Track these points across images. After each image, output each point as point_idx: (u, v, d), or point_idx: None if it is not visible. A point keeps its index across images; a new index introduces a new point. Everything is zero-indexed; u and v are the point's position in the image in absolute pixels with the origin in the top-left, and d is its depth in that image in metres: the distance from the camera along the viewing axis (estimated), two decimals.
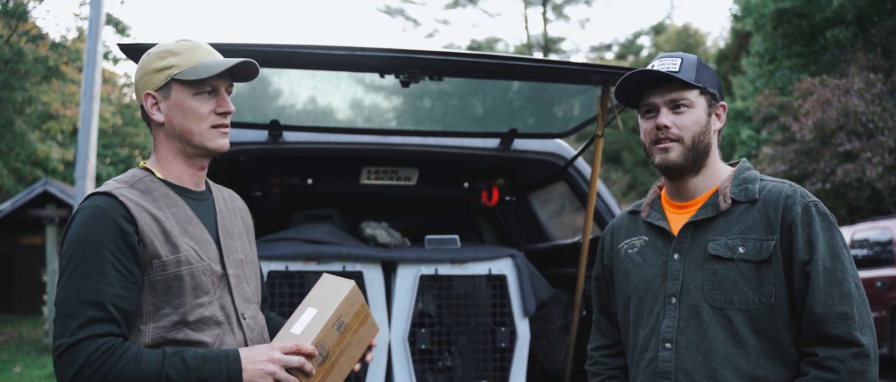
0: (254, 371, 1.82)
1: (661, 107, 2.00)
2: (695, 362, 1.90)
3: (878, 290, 9.52)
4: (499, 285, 3.85)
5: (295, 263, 3.63)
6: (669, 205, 2.11)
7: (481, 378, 3.86)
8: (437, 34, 38.82)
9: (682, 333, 1.93)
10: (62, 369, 1.73)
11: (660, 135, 1.99)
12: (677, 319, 1.94)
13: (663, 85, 2.00)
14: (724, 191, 1.99)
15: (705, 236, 1.96)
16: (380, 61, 2.90)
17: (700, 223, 1.99)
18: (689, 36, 33.08)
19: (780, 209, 1.90)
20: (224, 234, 2.01)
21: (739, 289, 1.89)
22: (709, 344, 1.89)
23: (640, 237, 2.11)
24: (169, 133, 1.95)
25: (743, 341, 1.88)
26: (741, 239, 1.91)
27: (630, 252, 2.12)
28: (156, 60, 1.92)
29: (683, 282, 1.96)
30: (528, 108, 4.03)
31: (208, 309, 1.88)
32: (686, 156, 1.98)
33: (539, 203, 5.24)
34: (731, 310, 1.89)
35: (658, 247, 2.05)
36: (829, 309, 1.80)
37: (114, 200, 1.83)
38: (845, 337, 1.78)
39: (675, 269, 1.98)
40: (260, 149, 3.85)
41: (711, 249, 1.93)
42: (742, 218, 1.94)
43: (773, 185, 1.97)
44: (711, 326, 1.90)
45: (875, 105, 14.61)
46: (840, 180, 14.61)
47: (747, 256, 1.89)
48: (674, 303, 1.95)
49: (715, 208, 1.98)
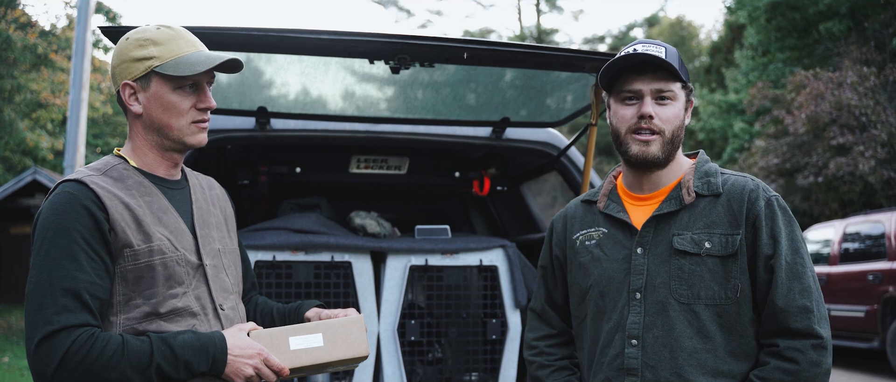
0: (237, 364, 1.79)
1: (646, 96, 1.93)
2: (661, 358, 1.88)
3: (869, 284, 9.52)
4: (490, 276, 3.81)
5: (282, 253, 3.57)
6: (628, 197, 2.05)
7: (472, 371, 3.82)
8: (430, 25, 38.77)
9: (648, 329, 1.90)
10: (41, 362, 1.65)
11: (642, 124, 1.92)
12: (642, 315, 1.91)
13: (649, 73, 1.93)
14: (687, 185, 1.95)
15: (669, 230, 1.93)
16: (369, 47, 2.83)
17: (663, 216, 1.95)
18: (682, 28, 33.09)
19: (744, 203, 1.90)
20: (200, 224, 1.95)
21: (706, 285, 1.87)
22: (675, 341, 1.87)
23: (598, 228, 2.05)
24: (146, 124, 1.88)
25: (709, 336, 1.86)
26: (707, 233, 1.89)
27: (587, 243, 2.05)
28: (135, 48, 1.85)
29: (648, 277, 1.92)
30: (521, 97, 3.98)
31: (182, 300, 1.83)
32: (664, 150, 1.94)
33: (531, 193, 5.19)
34: (699, 306, 1.87)
35: (619, 240, 2.00)
36: (791, 303, 1.82)
37: (84, 187, 1.76)
38: (805, 330, 1.81)
39: (638, 264, 1.93)
40: (247, 136, 3.78)
41: (677, 244, 1.90)
42: (706, 213, 1.92)
43: (736, 179, 1.96)
44: (678, 322, 1.87)
45: (868, 98, 14.61)
46: (833, 173, 14.63)
47: (713, 251, 1.88)
48: (638, 299, 1.92)
49: (679, 201, 1.94)
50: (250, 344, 1.82)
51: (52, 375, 1.64)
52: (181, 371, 1.72)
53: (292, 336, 1.89)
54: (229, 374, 1.79)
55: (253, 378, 1.81)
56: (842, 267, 10.11)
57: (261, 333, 1.88)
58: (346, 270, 3.65)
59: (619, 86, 1.97)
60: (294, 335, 1.89)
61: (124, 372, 1.67)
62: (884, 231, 9.68)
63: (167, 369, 1.70)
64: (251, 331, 1.88)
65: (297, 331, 1.91)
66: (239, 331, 1.85)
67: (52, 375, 1.64)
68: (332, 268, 3.64)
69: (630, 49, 1.96)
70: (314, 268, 3.63)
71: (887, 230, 9.61)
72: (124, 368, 1.67)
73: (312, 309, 2.14)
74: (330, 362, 1.92)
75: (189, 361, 1.73)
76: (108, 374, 1.66)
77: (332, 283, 3.64)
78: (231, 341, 1.80)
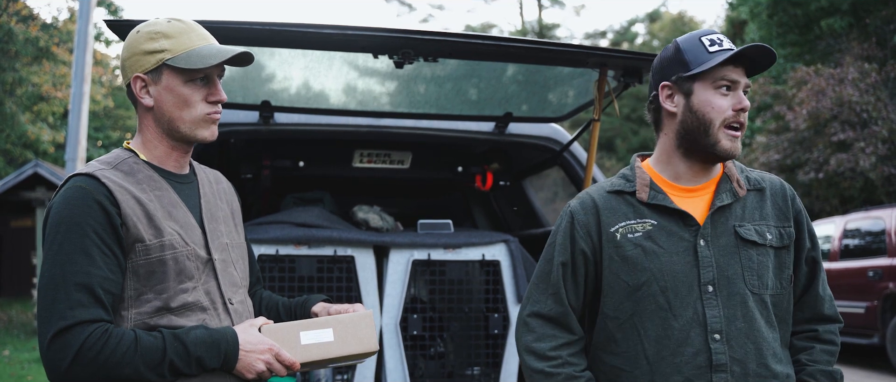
0: (248, 360, 1.80)
1: (740, 89, 1.90)
2: (747, 351, 1.85)
3: (870, 280, 9.53)
4: (492, 271, 3.82)
5: (285, 247, 3.58)
6: (672, 188, 1.98)
7: (474, 365, 3.83)
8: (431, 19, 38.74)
9: (731, 322, 1.86)
10: (54, 357, 1.65)
11: (740, 118, 1.90)
12: (721, 308, 1.86)
13: (741, 65, 1.91)
14: (737, 178, 1.98)
15: (728, 222, 1.92)
16: (373, 41, 2.84)
17: (721, 208, 1.93)
18: (683, 24, 33.06)
19: (787, 200, 2.00)
20: (209, 218, 1.95)
21: (770, 275, 1.92)
22: (757, 332, 1.88)
23: (643, 220, 1.94)
24: (157, 117, 1.88)
25: (774, 326, 1.93)
26: (765, 225, 1.95)
27: (630, 236, 1.92)
28: (147, 41, 1.85)
29: (718, 269, 1.88)
30: (524, 92, 3.98)
31: (192, 294, 1.83)
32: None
33: (533, 188, 5.20)
34: (766, 296, 1.92)
35: (675, 233, 1.91)
36: (826, 293, 2.02)
37: (96, 181, 1.76)
38: (835, 315, 2.03)
39: (706, 256, 1.89)
40: (251, 130, 3.79)
41: (744, 234, 1.90)
42: (758, 206, 1.97)
43: (770, 176, 2.06)
44: (755, 313, 1.89)
45: (869, 95, 14.60)
46: (833, 169, 14.62)
47: (773, 242, 1.94)
48: (711, 292, 1.87)
49: (733, 194, 1.95)
50: (261, 340, 1.83)
51: (66, 370, 1.64)
52: (193, 367, 1.73)
53: (303, 331, 1.90)
54: (241, 370, 1.79)
55: (264, 374, 1.82)
56: (842, 264, 10.12)
57: (272, 328, 1.88)
58: (348, 264, 3.66)
59: (714, 73, 1.89)
60: (305, 330, 1.90)
61: (137, 368, 1.67)
62: (884, 227, 9.68)
63: (180, 365, 1.71)
64: (262, 326, 1.88)
65: (307, 326, 1.92)
66: (250, 327, 1.86)
67: (66, 370, 1.64)
68: (334, 262, 3.65)
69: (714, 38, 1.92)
70: (317, 262, 3.64)
71: (888, 226, 9.61)
72: (137, 364, 1.67)
73: (320, 304, 2.15)
74: (340, 356, 1.93)
75: (201, 357, 1.73)
76: (122, 370, 1.66)
77: (335, 277, 3.65)
78: (242, 336, 1.81)
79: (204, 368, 1.74)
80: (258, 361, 1.80)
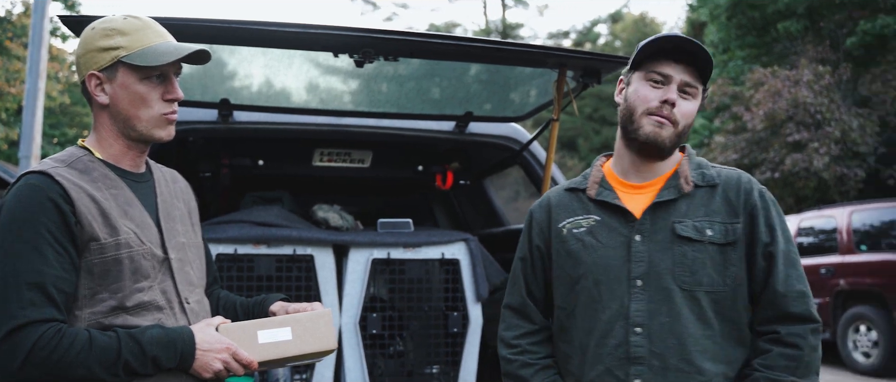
0: (205, 359, 1.79)
1: (674, 84, 1.94)
2: (668, 345, 1.88)
3: (822, 277, 9.76)
4: (452, 269, 3.83)
5: (244, 246, 3.55)
6: (621, 185, 2.06)
7: (433, 364, 3.84)
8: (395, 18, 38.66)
9: (653, 316, 1.90)
10: (5, 357, 1.62)
11: (663, 109, 1.93)
12: (646, 302, 1.91)
13: (683, 62, 1.94)
14: (685, 174, 1.99)
15: (668, 218, 1.95)
16: (333, 40, 2.84)
17: (661, 204, 1.97)
18: (645, 25, 33.45)
19: (740, 194, 1.96)
20: (165, 217, 1.94)
21: (707, 271, 1.90)
22: (682, 328, 1.88)
23: (588, 216, 2.03)
24: (112, 116, 1.86)
25: (709, 323, 1.90)
26: (708, 221, 1.93)
27: (575, 231, 2.03)
28: (102, 38, 1.83)
29: (650, 264, 1.93)
30: (484, 92, 4.01)
31: (148, 293, 1.81)
32: (672, 141, 1.97)
33: (494, 188, 5.23)
34: (699, 292, 1.90)
35: (614, 228, 1.99)
36: (790, 288, 1.88)
37: (50, 179, 1.74)
38: (805, 314, 1.87)
39: (639, 251, 1.94)
40: (209, 128, 3.76)
41: (680, 231, 1.93)
42: (705, 202, 1.96)
43: (728, 172, 2.02)
44: (683, 309, 1.89)
45: (823, 96, 14.93)
46: (788, 169, 14.92)
47: (715, 239, 1.92)
48: (639, 286, 1.92)
49: (677, 190, 1.97)
50: (219, 339, 1.82)
51: (18, 370, 1.62)
52: (149, 367, 1.71)
53: (261, 330, 1.89)
54: (197, 369, 1.78)
55: (221, 373, 1.81)
56: None
57: (229, 327, 1.88)
58: (308, 263, 3.65)
59: (650, 66, 1.96)
60: (262, 329, 1.90)
61: (91, 368, 1.65)
62: (836, 225, 9.93)
63: (135, 364, 1.69)
64: (220, 326, 1.87)
65: (265, 325, 1.92)
66: (207, 326, 1.85)
67: (18, 370, 1.62)
68: (293, 262, 3.63)
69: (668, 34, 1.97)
70: (276, 262, 3.62)
71: (839, 225, 9.86)
72: (91, 364, 1.65)
73: (278, 303, 2.14)
74: (298, 355, 1.93)
75: (157, 356, 1.72)
76: (75, 370, 1.64)
77: (294, 276, 3.63)
78: (199, 336, 1.80)
79: (160, 368, 1.73)
80: (215, 360, 1.79)
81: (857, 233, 9.60)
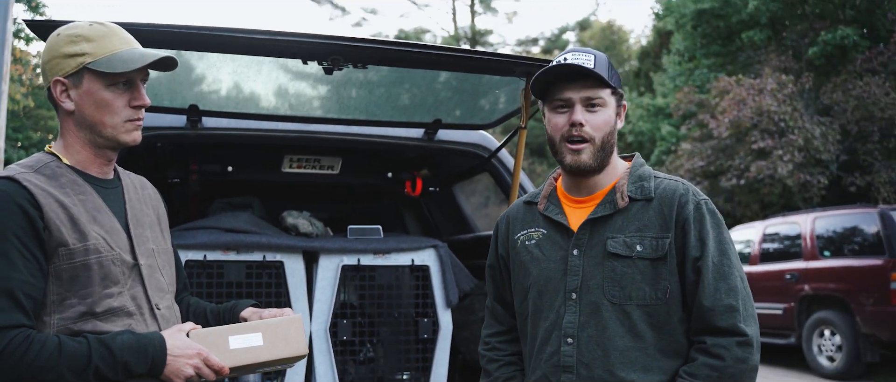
0: (176, 365, 1.78)
1: (576, 104, 1.98)
2: (595, 356, 1.94)
3: (787, 282, 9.92)
4: (421, 276, 3.85)
5: (213, 252, 3.54)
6: (566, 199, 2.12)
7: (403, 370, 3.86)
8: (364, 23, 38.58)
9: (583, 328, 1.96)
10: None
11: (573, 132, 1.97)
12: (578, 315, 1.97)
13: (578, 80, 1.98)
14: (621, 189, 2.02)
15: (604, 233, 1.99)
16: (302, 47, 2.84)
17: (598, 220, 2.01)
18: (613, 32, 33.77)
19: (674, 207, 1.97)
20: (134, 223, 1.94)
21: (637, 286, 1.94)
22: (608, 340, 1.94)
23: (538, 229, 2.11)
24: (78, 122, 1.86)
25: (640, 335, 1.94)
26: (638, 237, 1.96)
27: (527, 243, 2.11)
28: (67, 44, 1.82)
29: (583, 278, 1.98)
30: (453, 99, 4.03)
31: (117, 299, 1.81)
32: (596, 157, 2.00)
33: (464, 194, 5.26)
34: (630, 306, 1.94)
35: (557, 242, 2.06)
36: (717, 302, 1.89)
37: (17, 185, 1.73)
38: (730, 328, 1.88)
39: (574, 265, 2.00)
40: (178, 134, 3.74)
41: (610, 247, 1.97)
42: (638, 216, 1.98)
43: (668, 184, 2.03)
44: (611, 322, 1.94)
45: (786, 105, 15.19)
46: (754, 176, 15.14)
47: (644, 254, 1.94)
48: (574, 299, 1.98)
49: (612, 205, 2.01)
50: (190, 345, 1.82)
51: None
52: (120, 373, 1.71)
53: (232, 336, 1.90)
54: (169, 375, 1.78)
55: (193, 378, 1.81)
56: (762, 267, 10.51)
57: (200, 333, 1.88)
58: (277, 270, 3.64)
59: (551, 95, 2.02)
60: (234, 334, 1.91)
61: (61, 374, 1.65)
62: (800, 232, 10.10)
63: (105, 370, 1.69)
64: (191, 331, 1.87)
65: (236, 331, 1.92)
66: (178, 332, 1.84)
67: None
68: (263, 268, 3.63)
69: (560, 58, 2.00)
70: (246, 268, 3.61)
71: (803, 231, 10.03)
72: (61, 370, 1.65)
73: (249, 309, 2.14)
74: (269, 361, 1.94)
75: (128, 362, 1.71)
76: (45, 376, 1.64)
77: (264, 283, 3.63)
78: (170, 341, 1.79)
79: (131, 374, 1.73)
80: (186, 366, 1.79)
81: (821, 239, 9.77)
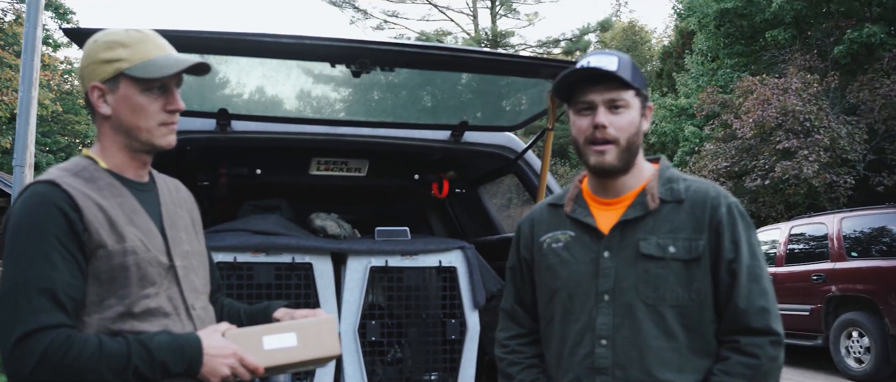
0: (213, 364, 1.81)
1: (599, 106, 1.99)
2: (630, 358, 1.94)
3: (813, 283, 9.82)
4: (449, 277, 3.86)
5: (243, 254, 3.58)
6: (593, 201, 2.11)
7: (431, 370, 3.87)
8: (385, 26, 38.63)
9: (618, 330, 1.96)
10: (17, 363, 1.64)
11: (596, 134, 1.98)
12: (611, 316, 1.98)
13: (602, 83, 1.98)
14: (652, 191, 2.02)
15: (635, 234, 1.99)
16: (331, 51, 2.88)
17: (629, 222, 2.01)
18: (634, 33, 33.63)
19: (706, 210, 1.98)
20: (169, 225, 1.97)
21: (671, 287, 1.94)
22: (643, 341, 1.94)
23: (565, 232, 2.10)
24: (115, 126, 1.89)
25: (674, 336, 1.94)
26: (671, 238, 1.96)
27: (554, 246, 2.11)
28: (104, 50, 1.86)
29: (616, 280, 1.99)
30: (478, 101, 4.05)
31: (154, 300, 1.84)
32: (621, 158, 2.00)
33: (488, 195, 5.27)
34: (664, 307, 1.94)
35: (586, 244, 2.06)
36: (751, 304, 1.93)
37: (57, 188, 1.77)
38: (765, 328, 1.92)
39: (606, 267, 2.00)
40: (207, 138, 3.78)
41: (643, 249, 1.97)
42: (670, 218, 1.98)
43: (698, 186, 2.04)
44: (645, 323, 1.94)
45: (812, 104, 15.05)
46: (778, 177, 15.02)
47: (678, 255, 1.95)
48: (607, 300, 1.99)
49: (643, 207, 2.01)
50: (225, 344, 1.85)
51: (29, 376, 1.64)
52: (158, 373, 1.74)
53: (266, 336, 1.93)
54: (205, 374, 1.80)
55: (228, 378, 1.83)
56: (787, 268, 10.42)
57: (235, 333, 1.91)
58: (306, 271, 3.67)
59: (575, 98, 2.03)
60: (268, 334, 1.93)
61: (101, 374, 1.67)
62: (826, 232, 10.00)
63: (144, 370, 1.72)
64: (226, 331, 1.90)
65: (270, 331, 1.95)
66: (214, 332, 1.87)
67: (29, 376, 1.64)
68: (292, 270, 3.66)
69: (583, 62, 2.01)
70: (275, 270, 3.65)
71: (830, 231, 9.93)
72: (102, 369, 1.67)
73: (281, 310, 2.17)
74: (303, 361, 1.97)
75: (166, 362, 1.74)
76: (86, 375, 1.66)
77: (293, 285, 3.66)
78: (206, 341, 1.82)
79: (168, 373, 1.75)
80: (222, 366, 1.82)
81: (848, 240, 9.67)
